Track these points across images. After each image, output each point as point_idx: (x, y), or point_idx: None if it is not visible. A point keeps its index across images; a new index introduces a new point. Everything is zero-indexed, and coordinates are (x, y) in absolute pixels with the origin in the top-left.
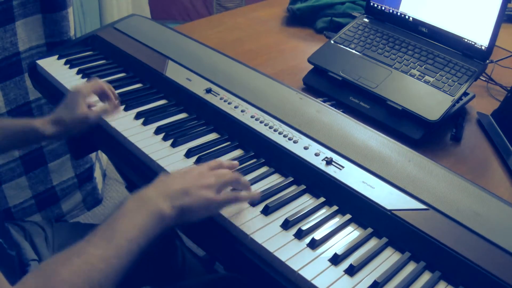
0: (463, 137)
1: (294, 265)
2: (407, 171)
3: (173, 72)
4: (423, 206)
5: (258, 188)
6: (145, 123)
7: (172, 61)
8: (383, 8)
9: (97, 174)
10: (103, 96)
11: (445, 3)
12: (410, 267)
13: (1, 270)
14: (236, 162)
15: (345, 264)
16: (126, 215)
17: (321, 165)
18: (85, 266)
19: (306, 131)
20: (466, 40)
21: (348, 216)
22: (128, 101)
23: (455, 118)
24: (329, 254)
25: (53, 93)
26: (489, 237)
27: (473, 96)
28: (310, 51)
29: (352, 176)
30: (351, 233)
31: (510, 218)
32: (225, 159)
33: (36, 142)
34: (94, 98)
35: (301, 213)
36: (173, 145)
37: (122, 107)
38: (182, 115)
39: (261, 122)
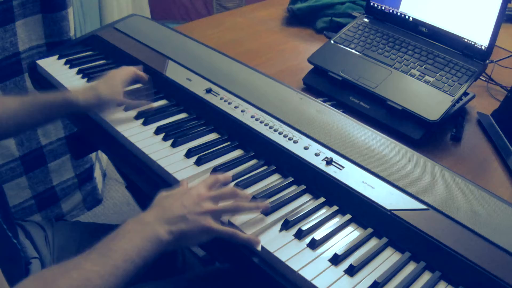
0: (463, 137)
1: (294, 265)
2: (407, 171)
3: (173, 72)
4: (423, 206)
5: (258, 188)
6: (145, 123)
7: (172, 61)
8: (383, 8)
9: (97, 174)
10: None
11: (445, 3)
12: (410, 267)
13: (8, 263)
14: (229, 175)
15: (345, 264)
16: (125, 236)
17: (321, 165)
18: (82, 281)
19: (306, 131)
20: (466, 40)
21: (348, 216)
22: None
23: (455, 118)
24: (329, 254)
25: None
26: (489, 237)
27: (473, 96)
28: (310, 51)
29: (352, 176)
30: (351, 233)
31: (510, 218)
32: (225, 159)
33: (69, 114)
34: None
35: (301, 213)
36: (173, 145)
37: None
38: (182, 115)
39: (261, 122)
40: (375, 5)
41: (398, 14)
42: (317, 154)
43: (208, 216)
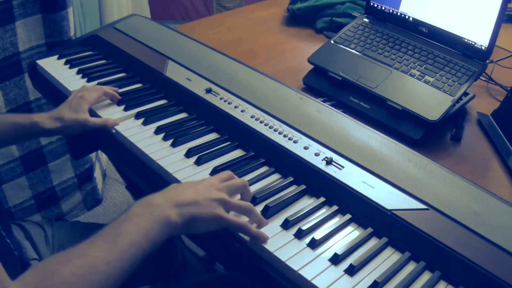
0: (463, 137)
1: (294, 265)
2: (407, 171)
3: (173, 72)
4: (423, 206)
5: (258, 188)
6: (145, 123)
7: (172, 61)
8: (383, 8)
9: (97, 174)
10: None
11: (445, 3)
12: (410, 267)
13: (6, 270)
14: (246, 181)
15: (345, 264)
16: (132, 219)
17: (321, 165)
18: (87, 268)
19: (306, 131)
20: (466, 40)
21: (348, 216)
22: (128, 101)
23: (455, 118)
24: (329, 254)
25: (53, 93)
26: (489, 237)
27: (473, 96)
28: (310, 51)
29: (352, 176)
30: (351, 233)
31: (510, 218)
32: (225, 159)
33: (35, 137)
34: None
35: (301, 213)
36: (173, 145)
37: (120, 117)
38: (182, 115)
39: (261, 122)
40: (375, 5)
41: (398, 14)
42: (317, 154)
43: (220, 205)
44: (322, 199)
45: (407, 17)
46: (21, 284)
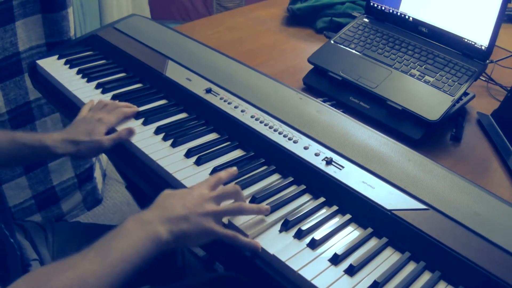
0: (463, 137)
1: (294, 265)
2: (407, 171)
3: (173, 72)
4: (423, 206)
5: (258, 188)
6: (145, 123)
7: (172, 61)
8: (383, 8)
9: (97, 174)
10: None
11: (445, 3)
12: (410, 267)
13: (3, 262)
14: (234, 168)
15: (345, 264)
16: (124, 235)
17: (321, 165)
18: (77, 281)
19: (306, 131)
20: (466, 40)
21: (348, 216)
22: (128, 101)
23: (455, 118)
24: (329, 254)
25: (53, 93)
26: (489, 237)
27: (473, 96)
28: (310, 51)
29: (352, 176)
30: (351, 233)
31: (510, 218)
32: (225, 159)
33: (45, 159)
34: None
35: (301, 213)
36: (173, 145)
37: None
38: (182, 115)
39: (261, 122)
40: (375, 5)
41: (398, 14)
42: (317, 154)
43: (210, 217)
44: (322, 199)
45: (407, 17)
46: None
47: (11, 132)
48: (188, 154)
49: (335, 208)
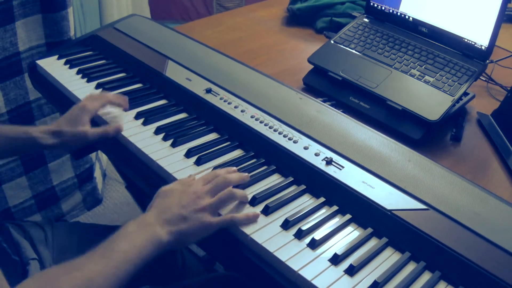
0: (463, 137)
1: (294, 265)
2: (407, 171)
3: (173, 72)
4: (423, 206)
5: (258, 188)
6: (145, 123)
7: (172, 61)
8: (383, 8)
9: (97, 174)
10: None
11: (445, 3)
12: (410, 267)
13: (5, 275)
14: (246, 174)
15: (345, 264)
16: (126, 238)
17: (321, 165)
18: (85, 281)
19: (306, 131)
20: (466, 40)
21: (348, 216)
22: (128, 101)
23: (455, 118)
24: (329, 254)
25: (53, 93)
26: (489, 237)
27: (473, 96)
28: (310, 51)
29: (352, 176)
30: (351, 233)
31: (510, 218)
32: (225, 159)
33: (34, 151)
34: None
35: (301, 213)
36: (173, 145)
37: (127, 123)
38: (182, 115)
39: (261, 122)
40: (375, 5)
41: (398, 14)
42: (317, 154)
43: (207, 212)
44: (322, 199)
45: (407, 17)
46: None
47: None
48: (188, 154)
49: (335, 208)
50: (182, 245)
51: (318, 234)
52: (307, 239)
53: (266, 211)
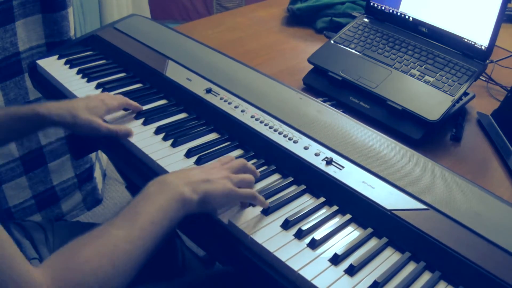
0: (463, 137)
1: (294, 265)
2: (407, 171)
3: (173, 72)
4: (423, 206)
5: (258, 188)
6: (145, 123)
7: (172, 61)
8: (383, 8)
9: (97, 174)
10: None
11: (445, 3)
12: (410, 267)
13: None
14: (257, 170)
15: (345, 264)
16: (149, 198)
17: (321, 165)
18: (109, 247)
19: (306, 131)
20: (466, 40)
21: (348, 216)
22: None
23: (455, 118)
24: (329, 254)
25: (53, 93)
26: (489, 237)
27: (473, 96)
28: (310, 51)
29: (352, 176)
30: (351, 233)
31: (510, 218)
32: None
33: (42, 128)
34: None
35: (301, 213)
36: (173, 145)
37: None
38: (182, 115)
39: (261, 122)
40: (375, 5)
41: (398, 14)
42: (317, 154)
43: (229, 180)
44: (322, 199)
45: (407, 17)
46: (45, 269)
47: (4, 108)
48: (188, 154)
49: (335, 208)
50: (206, 207)
51: (318, 234)
52: (307, 239)
53: (266, 211)
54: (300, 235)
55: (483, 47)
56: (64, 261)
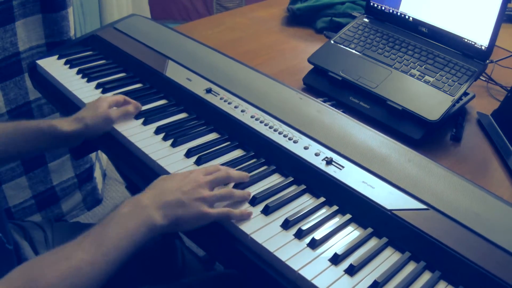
0: (463, 137)
1: (294, 265)
2: (407, 171)
3: (173, 72)
4: (423, 206)
5: (258, 188)
6: (145, 123)
7: (172, 61)
8: (383, 8)
9: (97, 174)
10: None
11: (445, 3)
12: (410, 267)
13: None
14: (247, 174)
15: (345, 264)
16: (119, 220)
17: (321, 165)
18: (72, 270)
19: (306, 131)
20: (466, 40)
21: (348, 216)
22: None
23: (455, 118)
24: (329, 254)
25: (53, 93)
26: (489, 237)
27: (473, 96)
28: (310, 51)
29: (352, 176)
30: (351, 233)
31: (510, 218)
32: (225, 159)
33: (55, 143)
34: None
35: (301, 213)
36: (173, 145)
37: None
38: (182, 115)
39: (261, 122)
40: (375, 5)
41: (398, 14)
42: (317, 154)
43: (205, 202)
44: (322, 199)
45: (407, 17)
46: (6, 284)
47: (14, 122)
48: (188, 154)
49: (335, 208)
50: (176, 230)
51: (318, 234)
52: (307, 239)
53: (266, 211)
54: (300, 235)
55: (483, 47)
56: (26, 281)
